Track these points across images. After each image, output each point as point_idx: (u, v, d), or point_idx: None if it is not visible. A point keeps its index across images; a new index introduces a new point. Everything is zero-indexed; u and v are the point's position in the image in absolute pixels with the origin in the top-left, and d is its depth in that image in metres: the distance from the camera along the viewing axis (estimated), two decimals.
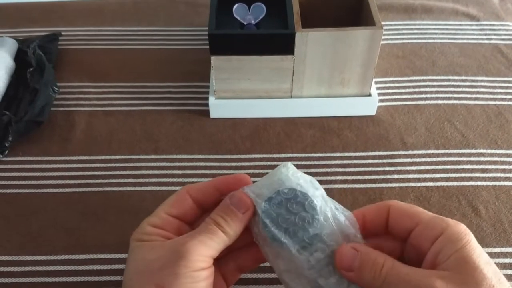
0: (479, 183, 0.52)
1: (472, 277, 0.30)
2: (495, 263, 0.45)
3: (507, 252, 0.46)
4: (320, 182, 0.51)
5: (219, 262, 0.38)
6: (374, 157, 0.54)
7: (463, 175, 0.53)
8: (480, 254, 0.31)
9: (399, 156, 0.55)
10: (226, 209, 0.36)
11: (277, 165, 0.53)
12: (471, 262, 0.31)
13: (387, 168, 0.53)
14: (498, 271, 0.31)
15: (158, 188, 0.52)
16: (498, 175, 0.53)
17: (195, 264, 0.32)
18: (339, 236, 0.35)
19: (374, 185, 0.52)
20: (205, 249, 0.33)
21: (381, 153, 0.55)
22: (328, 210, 0.36)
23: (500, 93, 0.62)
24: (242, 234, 0.36)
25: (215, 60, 0.54)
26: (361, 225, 0.36)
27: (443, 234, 0.32)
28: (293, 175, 0.37)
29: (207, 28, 0.53)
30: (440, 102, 0.61)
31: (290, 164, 0.38)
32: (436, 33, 0.71)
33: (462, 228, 0.33)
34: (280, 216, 0.35)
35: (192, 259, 0.32)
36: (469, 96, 0.62)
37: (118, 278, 0.45)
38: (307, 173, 0.52)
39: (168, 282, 0.31)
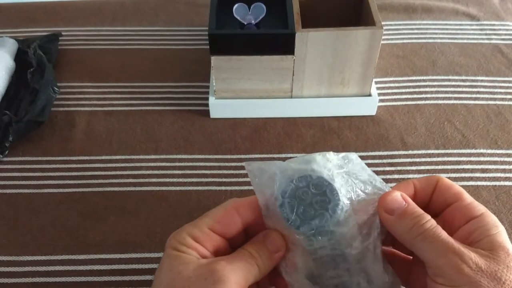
0: (479, 183, 0.52)
1: (504, 260, 0.31)
2: None
3: None
4: None
5: None
6: (374, 157, 0.54)
7: (463, 175, 0.53)
8: (511, 244, 0.32)
9: (399, 156, 0.55)
10: (261, 246, 0.35)
11: None
12: (505, 247, 0.32)
13: (387, 168, 0.53)
14: None
15: (158, 188, 0.52)
16: (498, 175, 0.53)
17: None
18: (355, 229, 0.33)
19: None
20: (241, 278, 0.33)
21: (381, 153, 0.55)
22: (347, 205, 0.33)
23: (500, 93, 0.62)
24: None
25: (215, 60, 0.54)
26: (411, 193, 0.36)
27: (480, 217, 0.33)
28: (325, 166, 0.34)
29: (207, 28, 0.53)
30: (440, 102, 0.61)
31: (329, 155, 0.35)
32: (436, 33, 0.71)
33: (497, 219, 0.34)
34: (297, 198, 0.33)
35: (229, 286, 0.31)
36: (469, 96, 0.62)
37: (118, 278, 0.45)
38: None
39: None
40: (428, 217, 0.33)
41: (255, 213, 0.35)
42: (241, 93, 0.58)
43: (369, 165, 0.53)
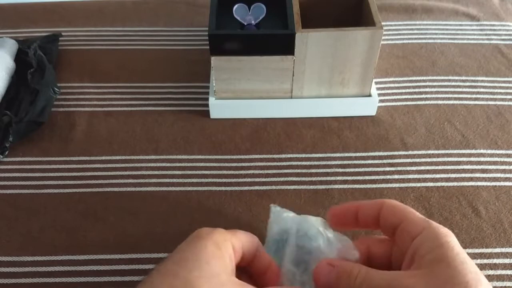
0: (479, 183, 0.52)
1: (443, 275, 0.30)
2: (495, 263, 0.45)
3: (507, 253, 0.46)
4: (320, 182, 0.52)
5: None
6: (374, 158, 0.55)
7: (463, 175, 0.53)
8: (457, 254, 0.31)
9: (399, 157, 0.55)
10: None
11: (277, 166, 0.54)
12: (445, 261, 0.30)
13: (387, 169, 0.53)
14: (477, 272, 0.31)
15: (158, 188, 0.52)
16: (498, 175, 0.53)
17: None
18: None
19: (374, 186, 0.52)
20: None
21: (381, 153, 0.55)
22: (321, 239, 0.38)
23: (500, 93, 0.62)
24: None
25: (215, 60, 0.54)
26: (354, 216, 0.37)
27: (423, 232, 0.32)
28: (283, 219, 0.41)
29: (207, 28, 0.53)
30: (440, 102, 0.61)
31: (273, 208, 0.41)
32: (436, 33, 0.71)
33: (444, 230, 0.32)
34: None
35: None
36: (469, 96, 0.62)
37: (118, 278, 0.45)
38: (307, 173, 0.53)
39: None
40: (357, 269, 0.33)
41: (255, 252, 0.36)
42: (241, 93, 0.58)
43: (369, 165, 0.54)
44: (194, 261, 0.31)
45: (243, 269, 0.36)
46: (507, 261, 0.46)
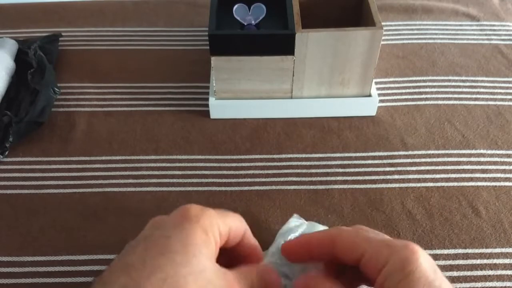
0: (479, 183, 0.52)
1: None
2: (495, 263, 0.45)
3: (507, 253, 0.46)
4: (320, 182, 0.52)
5: None
6: (374, 158, 0.54)
7: (463, 175, 0.53)
8: (424, 285, 0.29)
9: (399, 157, 0.55)
10: (261, 279, 0.35)
11: (277, 166, 0.54)
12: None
13: (387, 169, 0.53)
14: None
15: (158, 188, 0.52)
16: (498, 175, 0.53)
17: None
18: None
19: (374, 186, 0.52)
20: None
21: (381, 153, 0.55)
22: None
23: (500, 93, 0.62)
24: None
25: (215, 60, 0.54)
26: (308, 252, 0.35)
27: (388, 264, 0.30)
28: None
29: (207, 28, 0.53)
30: (440, 102, 0.61)
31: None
32: (436, 34, 0.71)
33: (408, 254, 0.30)
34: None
35: None
36: (469, 96, 0.62)
37: None
38: (307, 173, 0.53)
39: None
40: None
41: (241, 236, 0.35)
42: (241, 93, 0.58)
43: (369, 165, 0.54)
44: (183, 254, 0.29)
45: (222, 251, 0.34)
46: (507, 261, 0.45)
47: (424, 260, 0.30)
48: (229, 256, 0.35)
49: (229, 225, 0.34)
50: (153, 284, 0.28)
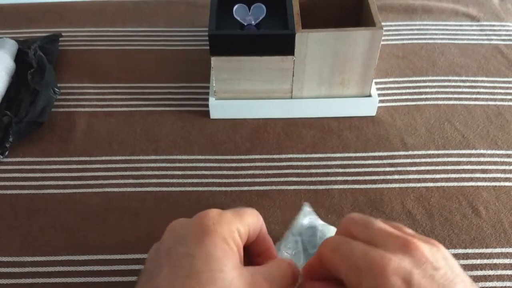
0: (479, 183, 0.52)
1: None
2: (495, 263, 0.45)
3: (507, 253, 0.46)
4: (320, 182, 0.52)
5: None
6: (374, 158, 0.54)
7: (463, 175, 0.53)
8: None
9: (399, 157, 0.55)
10: (285, 275, 0.34)
11: (277, 166, 0.54)
12: None
13: (387, 169, 0.53)
14: None
15: (158, 188, 0.52)
16: (498, 175, 0.53)
17: None
18: None
19: (374, 186, 0.52)
20: None
21: (381, 153, 0.55)
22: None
23: (500, 93, 0.62)
24: None
25: (215, 60, 0.54)
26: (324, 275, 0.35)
27: (363, 283, 0.30)
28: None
29: (207, 28, 0.53)
30: (440, 102, 0.61)
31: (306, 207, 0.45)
32: (436, 34, 0.71)
33: (376, 278, 0.29)
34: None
35: None
36: (469, 96, 0.62)
37: (118, 279, 0.45)
38: (307, 173, 0.53)
39: None
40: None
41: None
42: (241, 93, 0.58)
43: (369, 165, 0.54)
44: (208, 272, 0.29)
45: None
46: (507, 261, 0.45)
47: (395, 281, 0.29)
48: (245, 253, 0.35)
49: (248, 225, 0.33)
50: None
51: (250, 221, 0.34)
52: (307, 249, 0.41)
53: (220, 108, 0.58)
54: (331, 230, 0.44)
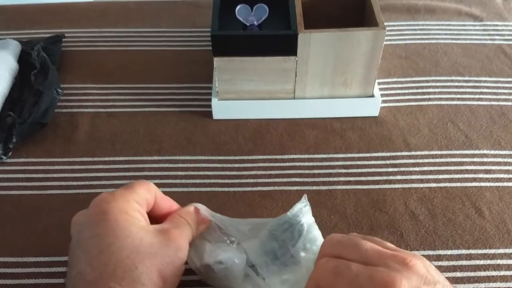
0: (482, 184, 0.52)
1: None
2: (498, 264, 0.45)
3: (510, 253, 0.46)
4: (323, 183, 0.52)
5: None
6: (377, 158, 0.54)
7: (466, 176, 0.53)
8: None
9: (402, 157, 0.54)
10: (194, 217, 0.41)
11: (280, 166, 0.54)
12: None
13: (390, 169, 0.53)
14: None
15: (161, 189, 0.51)
16: (502, 176, 0.52)
17: (185, 256, 0.37)
18: None
19: (377, 186, 0.52)
20: (187, 243, 0.38)
21: (384, 154, 0.55)
22: None
23: (504, 93, 0.62)
24: None
25: (217, 61, 0.54)
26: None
27: None
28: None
29: (209, 29, 0.53)
30: (443, 102, 0.61)
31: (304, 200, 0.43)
32: (439, 34, 0.71)
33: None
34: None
35: (185, 253, 0.37)
36: (472, 96, 0.61)
37: None
38: (310, 174, 0.53)
39: (168, 271, 0.35)
40: None
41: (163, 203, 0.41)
42: (244, 94, 0.58)
43: (372, 166, 0.54)
44: (117, 240, 0.34)
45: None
46: (510, 262, 0.45)
47: None
48: (153, 221, 0.40)
49: (142, 193, 0.38)
50: (109, 278, 0.32)
51: (142, 190, 0.39)
52: (277, 257, 0.40)
53: (223, 109, 0.58)
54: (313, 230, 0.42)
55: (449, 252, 0.46)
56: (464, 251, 0.46)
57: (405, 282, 0.30)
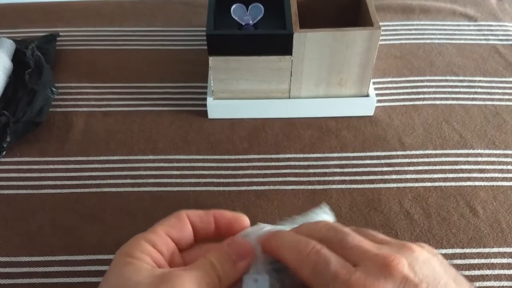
0: (476, 183, 0.52)
1: None
2: (493, 263, 0.45)
3: (504, 252, 0.46)
4: (318, 182, 0.52)
5: None
6: (372, 158, 0.55)
7: (460, 175, 0.53)
8: None
9: (397, 157, 0.55)
10: (224, 254, 0.33)
11: (275, 166, 0.54)
12: None
13: (385, 169, 0.53)
14: None
15: (156, 188, 0.52)
16: (496, 175, 0.53)
17: None
18: None
19: (372, 186, 0.52)
20: (196, 285, 0.31)
21: (379, 153, 0.55)
22: None
23: (498, 93, 0.62)
24: None
25: (213, 60, 0.54)
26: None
27: None
28: None
29: (205, 28, 0.53)
30: (437, 102, 0.61)
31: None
32: (434, 34, 0.71)
33: None
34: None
35: None
36: (466, 96, 0.62)
37: None
38: (305, 173, 0.53)
39: None
40: None
41: (203, 222, 0.36)
42: (239, 93, 0.58)
43: (367, 165, 0.54)
44: (106, 283, 0.31)
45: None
46: (504, 260, 0.46)
47: None
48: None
49: (163, 229, 0.34)
50: None
51: (162, 225, 0.35)
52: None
53: (218, 108, 0.58)
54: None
55: (443, 251, 0.46)
56: (458, 250, 0.46)
57: None
